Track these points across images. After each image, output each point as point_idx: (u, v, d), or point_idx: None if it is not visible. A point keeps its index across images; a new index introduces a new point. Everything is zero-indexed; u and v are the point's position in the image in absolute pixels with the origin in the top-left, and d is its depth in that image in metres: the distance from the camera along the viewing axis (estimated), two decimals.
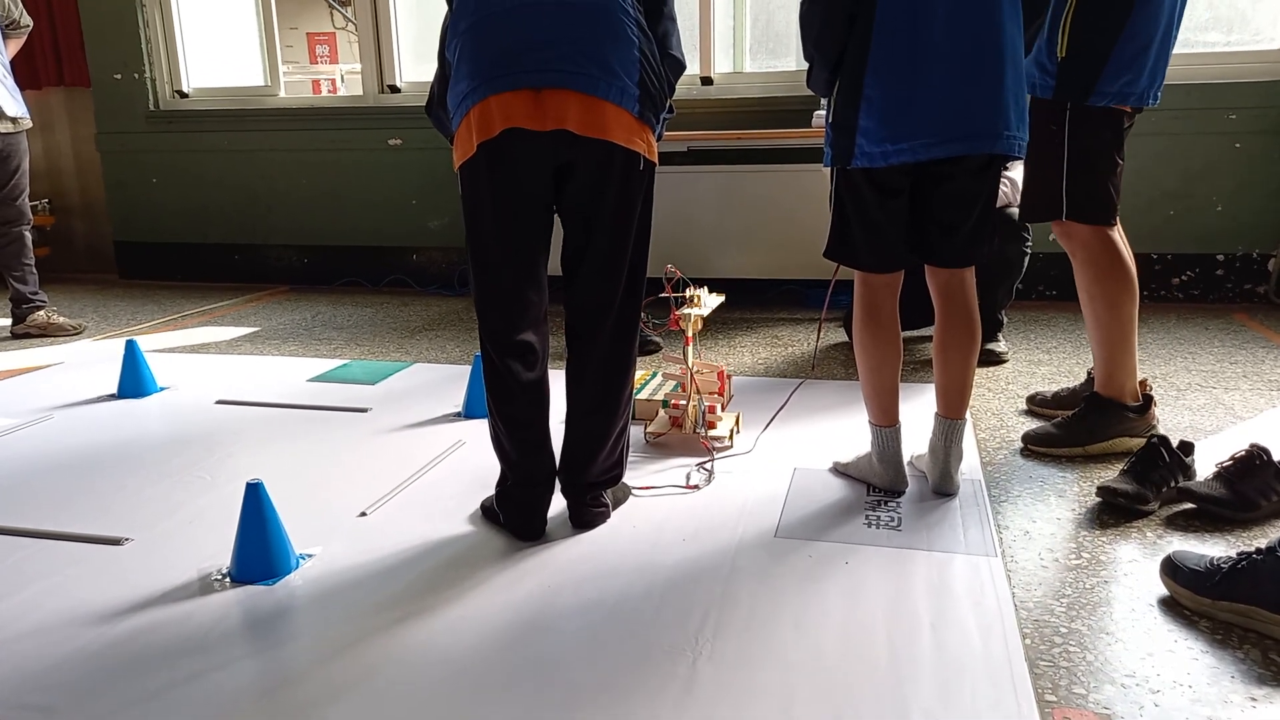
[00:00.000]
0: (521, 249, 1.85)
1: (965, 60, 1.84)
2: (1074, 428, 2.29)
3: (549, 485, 1.96)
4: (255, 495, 1.78)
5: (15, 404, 2.96)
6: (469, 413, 2.72)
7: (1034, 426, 2.40)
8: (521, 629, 1.58)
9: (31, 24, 3.98)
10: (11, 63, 3.83)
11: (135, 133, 5.15)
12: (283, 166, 5.00)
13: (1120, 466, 2.06)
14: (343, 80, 8.12)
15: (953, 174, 1.92)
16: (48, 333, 3.91)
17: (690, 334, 2.44)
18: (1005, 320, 3.29)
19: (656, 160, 1.88)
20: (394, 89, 4.85)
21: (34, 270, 3.96)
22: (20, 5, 3.89)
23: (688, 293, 2.49)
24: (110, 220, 5.35)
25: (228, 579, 1.78)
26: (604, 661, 1.48)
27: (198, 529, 2.01)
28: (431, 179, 4.78)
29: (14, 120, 3.74)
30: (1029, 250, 3.16)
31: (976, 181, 1.94)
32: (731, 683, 1.42)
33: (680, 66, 1.90)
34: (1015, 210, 3.14)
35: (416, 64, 4.88)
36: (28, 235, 3.91)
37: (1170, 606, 1.60)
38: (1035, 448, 2.31)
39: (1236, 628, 1.52)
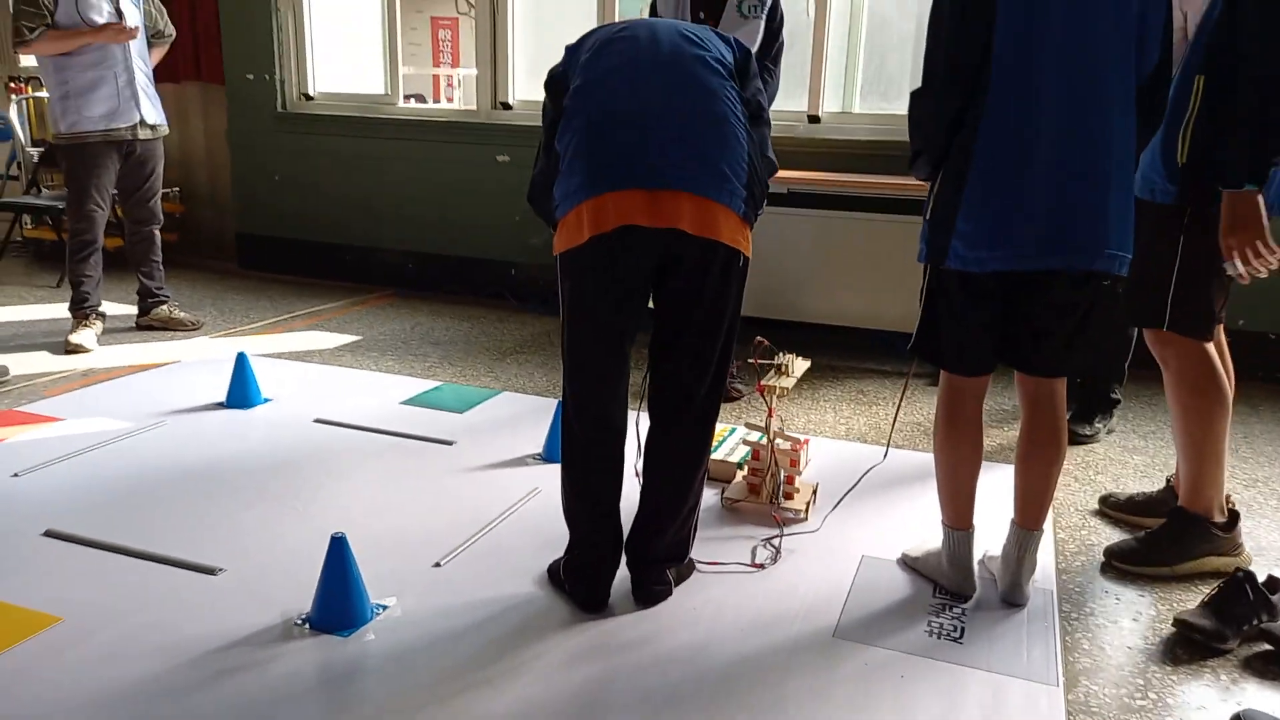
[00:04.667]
0: (618, 337, 1.91)
1: (1072, 171, 1.80)
2: (1159, 544, 2.21)
3: (615, 557, 2.01)
4: (339, 549, 1.88)
5: (133, 405, 3.17)
6: (549, 456, 2.80)
7: (1117, 539, 2.33)
8: (577, 714, 1.64)
9: (174, 34, 4.23)
10: None
11: (263, 131, 5.40)
12: (395, 173, 5.18)
13: (1200, 597, 2.00)
14: (459, 83, 8.34)
15: (1051, 282, 1.88)
16: (169, 327, 4.16)
17: (773, 405, 2.45)
18: (1120, 399, 3.17)
19: (750, 255, 1.91)
20: (506, 106, 4.97)
21: (160, 267, 4.21)
22: (165, 16, 4.14)
23: (776, 360, 2.50)
24: (233, 212, 5.64)
25: (307, 625, 1.89)
26: None
27: (288, 564, 2.13)
28: None
29: (153, 128, 3.98)
30: None
31: (1076, 291, 1.89)
32: None
33: (774, 168, 1.95)
34: None
35: (529, 81, 4.98)
36: (158, 235, 4.16)
37: None
38: (1120, 564, 2.23)
39: None
